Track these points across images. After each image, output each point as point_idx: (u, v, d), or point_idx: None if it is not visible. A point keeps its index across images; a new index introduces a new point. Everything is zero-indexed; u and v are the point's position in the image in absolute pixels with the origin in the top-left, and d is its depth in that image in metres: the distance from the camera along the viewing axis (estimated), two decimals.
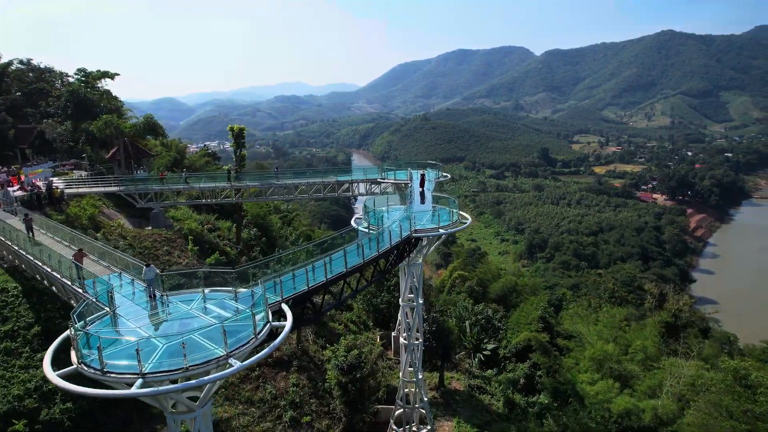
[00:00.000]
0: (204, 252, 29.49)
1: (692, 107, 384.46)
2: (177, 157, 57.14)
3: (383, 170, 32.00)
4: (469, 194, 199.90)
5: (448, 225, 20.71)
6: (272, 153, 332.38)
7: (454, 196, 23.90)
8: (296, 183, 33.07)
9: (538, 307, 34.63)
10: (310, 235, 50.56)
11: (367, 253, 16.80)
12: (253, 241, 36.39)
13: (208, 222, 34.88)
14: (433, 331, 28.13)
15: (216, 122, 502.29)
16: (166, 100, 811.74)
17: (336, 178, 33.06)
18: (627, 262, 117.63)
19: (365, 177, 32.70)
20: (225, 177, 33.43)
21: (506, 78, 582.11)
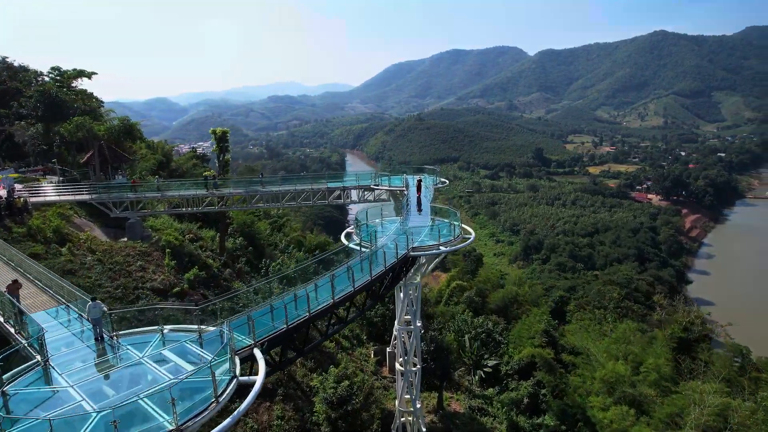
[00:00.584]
0: (183, 266, 27.26)
1: (685, 107, 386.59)
2: (163, 160, 54.63)
3: (377, 176, 30.14)
4: (463, 195, 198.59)
5: (450, 241, 18.77)
6: (265, 153, 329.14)
7: (454, 208, 21.80)
8: (283, 190, 30.95)
9: (541, 320, 32.80)
10: (302, 241, 48.39)
11: (358, 277, 14.73)
12: (239, 251, 34.22)
13: (189, 231, 32.56)
14: (431, 350, 26.18)
15: (209, 122, 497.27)
16: (158, 100, 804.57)
17: (326, 184, 31.12)
18: (623, 264, 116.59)
19: (358, 183, 30.80)
20: (215, 181, 31.22)
21: (500, 78, 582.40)
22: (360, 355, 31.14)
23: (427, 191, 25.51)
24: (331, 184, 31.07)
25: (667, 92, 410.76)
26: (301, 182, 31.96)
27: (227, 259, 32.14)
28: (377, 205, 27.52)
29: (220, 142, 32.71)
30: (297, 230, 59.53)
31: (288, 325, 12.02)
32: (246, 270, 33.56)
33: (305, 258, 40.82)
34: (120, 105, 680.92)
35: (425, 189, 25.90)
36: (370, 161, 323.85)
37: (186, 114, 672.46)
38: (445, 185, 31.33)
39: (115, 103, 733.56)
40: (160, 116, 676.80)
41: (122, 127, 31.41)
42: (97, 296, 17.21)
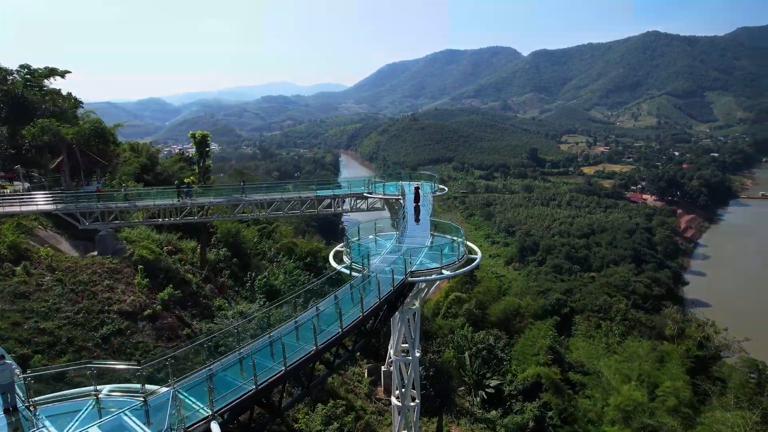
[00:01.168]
0: (158, 283, 24.89)
1: (678, 107, 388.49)
2: (147, 164, 51.83)
3: (371, 183, 27.95)
4: (458, 195, 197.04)
5: (453, 263, 16.62)
6: (259, 154, 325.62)
7: (456, 220, 19.49)
8: (269, 199, 28.76)
9: (546, 335, 30.81)
10: (293, 249, 45.96)
11: (347, 311, 12.48)
12: (222, 263, 31.97)
13: (168, 243, 30.19)
14: (430, 376, 24.10)
15: (202, 123, 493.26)
16: (151, 101, 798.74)
17: (315, 192, 28.85)
18: (620, 266, 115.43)
19: (350, 191, 28.66)
20: (188, 190, 28.72)
21: (494, 78, 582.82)
22: (353, 375, 28.94)
23: (426, 200, 23.50)
24: (320, 193, 28.84)
25: (660, 92, 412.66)
26: (287, 190, 29.75)
27: (209, 273, 29.79)
28: (371, 216, 25.22)
29: (200, 146, 30.45)
30: (288, 235, 57.15)
31: (257, 386, 9.66)
32: (229, 284, 31.23)
33: (295, 267, 38.23)
34: (112, 105, 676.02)
35: (423, 197, 23.93)
36: (364, 161, 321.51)
37: (179, 114, 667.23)
38: (443, 192, 29.14)
39: (107, 103, 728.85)
40: (152, 116, 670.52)
41: (92, 130, 28.89)
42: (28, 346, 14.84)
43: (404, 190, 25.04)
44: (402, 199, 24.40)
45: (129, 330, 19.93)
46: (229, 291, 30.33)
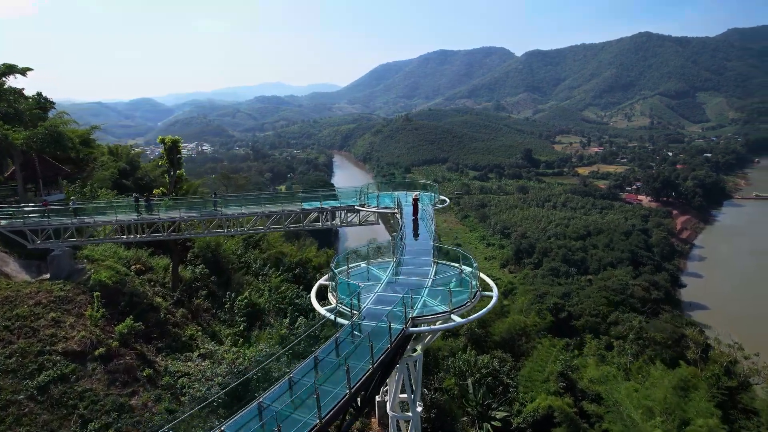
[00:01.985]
0: (118, 312, 21.28)
1: (670, 108, 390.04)
2: (126, 168, 48.28)
3: (363, 194, 25.18)
4: (452, 197, 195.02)
5: (465, 304, 13.46)
6: (251, 155, 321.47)
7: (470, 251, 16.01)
8: (248, 213, 25.60)
9: (556, 359, 28.12)
10: (280, 259, 42.83)
11: (329, 389, 9.30)
12: (199, 282, 28.98)
13: (137, 261, 26.79)
14: (432, 419, 21.30)
15: (195, 123, 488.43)
16: (143, 101, 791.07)
17: (301, 205, 25.80)
18: (617, 268, 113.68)
19: (339, 203, 25.83)
20: (149, 203, 25.46)
21: (487, 78, 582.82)
22: None
23: (425, 214, 20.85)
24: (306, 205, 25.78)
25: (653, 93, 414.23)
26: (269, 202, 26.52)
27: (182, 296, 26.65)
28: (362, 232, 22.15)
29: (171, 153, 26.77)
30: (277, 243, 53.94)
31: None
32: (206, 306, 27.77)
33: (284, 279, 34.94)
34: (103, 106, 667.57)
35: (422, 209, 21.31)
36: (357, 162, 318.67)
37: (171, 114, 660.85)
38: (445, 205, 26.26)
39: (98, 103, 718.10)
40: (144, 117, 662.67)
41: (47, 135, 25.52)
42: None
43: (401, 203, 22.13)
44: (398, 214, 21.49)
45: (75, 375, 16.68)
46: (205, 314, 27.25)
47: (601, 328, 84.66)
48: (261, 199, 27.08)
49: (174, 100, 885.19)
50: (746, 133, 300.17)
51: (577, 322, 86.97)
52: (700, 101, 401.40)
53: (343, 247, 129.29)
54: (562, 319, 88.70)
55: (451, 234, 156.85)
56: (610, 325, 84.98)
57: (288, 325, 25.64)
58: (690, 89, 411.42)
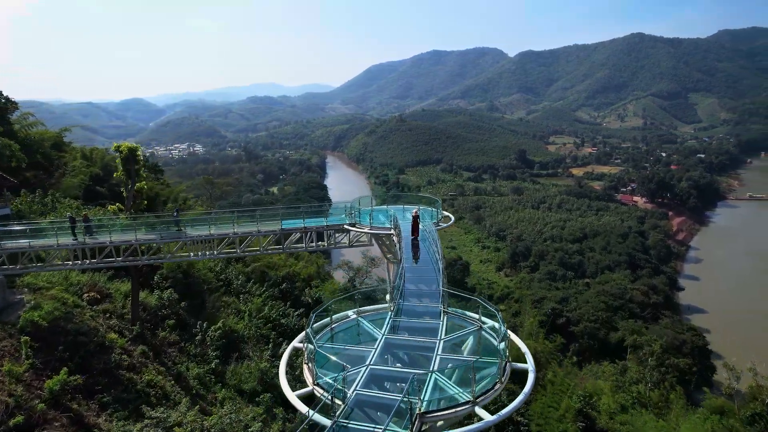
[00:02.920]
0: (58, 358, 17.10)
1: (663, 108, 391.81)
2: (99, 174, 44.74)
3: (354, 210, 21.78)
4: (447, 198, 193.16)
5: (494, 387, 9.85)
6: (243, 156, 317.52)
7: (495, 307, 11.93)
8: (216, 234, 22.09)
9: (573, 393, 25.33)
10: (266, 272, 39.81)
11: None
12: (166, 310, 25.38)
13: (91, 288, 22.79)
14: None
15: (186, 124, 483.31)
16: (134, 101, 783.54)
17: (280, 224, 22.35)
18: (615, 272, 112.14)
19: (325, 222, 22.67)
20: (87, 224, 21.70)
21: (481, 79, 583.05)
22: None
23: (429, 236, 17.58)
24: (287, 225, 22.36)
25: (646, 94, 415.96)
26: (243, 222, 22.97)
27: (143, 329, 22.96)
28: (353, 253, 19.29)
29: (127, 163, 23.12)
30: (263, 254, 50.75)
31: None
32: (173, 339, 23.73)
33: (268, 296, 31.77)
34: (93, 106, 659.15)
35: (423, 228, 18.29)
36: (351, 163, 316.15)
37: (163, 115, 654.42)
38: (450, 223, 22.73)
39: (88, 103, 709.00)
40: (135, 117, 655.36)
41: None
42: None
43: (398, 222, 18.69)
44: (395, 236, 18.03)
45: None
46: (171, 350, 23.37)
47: (600, 334, 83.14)
48: (233, 218, 23.41)
49: (165, 101, 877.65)
50: (738, 134, 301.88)
51: (576, 328, 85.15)
52: (692, 102, 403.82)
53: (337, 255, 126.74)
54: (561, 324, 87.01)
55: (446, 236, 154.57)
56: (609, 331, 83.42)
57: (269, 357, 22.71)
58: (682, 90, 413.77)
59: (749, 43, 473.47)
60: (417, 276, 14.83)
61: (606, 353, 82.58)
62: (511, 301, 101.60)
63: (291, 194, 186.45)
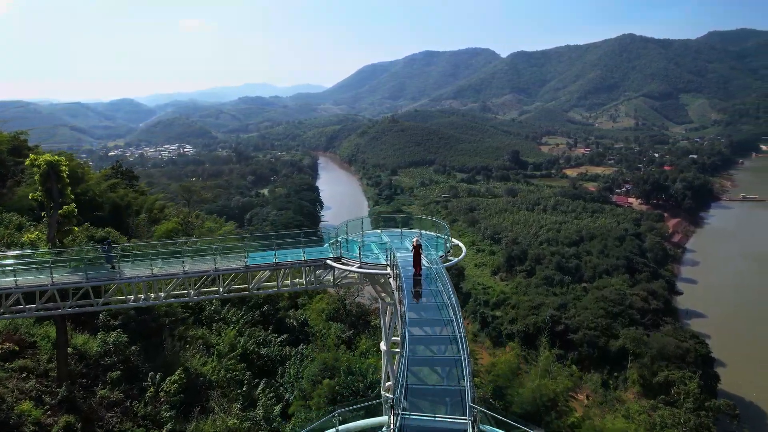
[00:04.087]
0: None
1: (654, 109, 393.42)
2: None
3: (339, 239, 17.95)
4: (440, 200, 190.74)
5: None
6: (234, 157, 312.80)
7: None
8: (161, 275, 17.65)
9: None
10: None
11: None
12: (112, 358, 20.00)
13: (6, 338, 18.10)
14: None
15: (177, 124, 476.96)
16: (124, 101, 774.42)
17: (245, 259, 18.07)
18: (613, 276, 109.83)
19: (303, 255, 18.24)
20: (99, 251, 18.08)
21: (473, 80, 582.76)
22: None
23: (436, 266, 14.06)
24: (254, 260, 18.21)
25: (637, 94, 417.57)
26: (196, 256, 18.41)
27: (75, 390, 17.71)
28: None
29: (47, 181, 18.55)
30: None
31: None
32: (115, 398, 18.65)
33: (240, 329, 26.34)
34: (82, 106, 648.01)
35: (426, 261, 14.72)
36: (343, 164, 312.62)
37: (153, 116, 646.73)
38: (462, 257, 18.83)
39: (77, 104, 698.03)
40: (125, 118, 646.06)
41: None
42: None
43: (395, 255, 14.70)
44: (391, 273, 14.44)
45: None
46: (112, 414, 18.19)
47: (600, 342, 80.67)
48: (186, 252, 18.65)
49: (156, 101, 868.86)
50: (729, 134, 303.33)
51: (575, 336, 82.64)
52: (683, 102, 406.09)
53: None
54: (560, 332, 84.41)
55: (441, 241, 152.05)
56: (609, 339, 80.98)
57: (241, 407, 18.73)
58: (673, 90, 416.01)
59: (738, 44, 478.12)
60: (417, 301, 11.55)
61: (606, 362, 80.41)
62: (507, 307, 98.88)
63: (282, 196, 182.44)
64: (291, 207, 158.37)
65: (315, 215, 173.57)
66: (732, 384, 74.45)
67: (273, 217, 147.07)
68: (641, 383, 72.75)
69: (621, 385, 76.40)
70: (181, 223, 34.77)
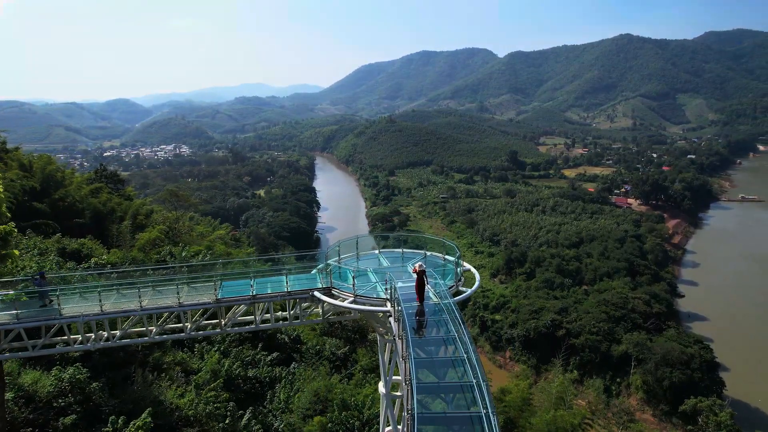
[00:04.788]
0: None
1: (651, 109, 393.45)
2: (35, 188, 36.70)
3: (330, 262, 15.76)
4: (438, 201, 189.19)
5: None
6: (230, 157, 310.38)
7: None
8: (112, 313, 14.68)
9: None
10: None
11: None
12: (68, 398, 16.72)
13: None
14: None
15: (173, 125, 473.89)
16: (120, 102, 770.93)
17: (216, 292, 14.98)
18: (614, 279, 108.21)
19: (284, 285, 15.25)
20: None
21: (470, 80, 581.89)
22: None
23: (448, 312, 11.33)
24: (228, 291, 15.34)
25: (634, 94, 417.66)
26: (160, 291, 15.45)
27: None
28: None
29: None
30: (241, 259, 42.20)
31: None
32: None
33: (224, 351, 23.00)
34: (77, 106, 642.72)
35: (431, 292, 12.60)
36: (340, 164, 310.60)
37: (150, 116, 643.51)
38: (475, 289, 15.13)
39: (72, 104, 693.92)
40: (121, 118, 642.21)
41: None
42: None
43: (396, 289, 12.05)
44: (391, 310, 12.12)
45: None
46: None
47: (603, 347, 79.08)
48: (143, 283, 15.45)
49: (152, 101, 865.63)
50: (727, 135, 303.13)
51: (577, 341, 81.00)
52: (680, 102, 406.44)
53: None
54: (561, 336, 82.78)
55: (438, 243, 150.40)
56: (611, 343, 79.40)
57: None
58: (670, 91, 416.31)
59: (735, 45, 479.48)
60: (419, 336, 9.64)
61: (609, 367, 78.84)
62: (507, 311, 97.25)
63: (278, 197, 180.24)
64: (287, 208, 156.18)
65: (311, 216, 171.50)
66: (736, 389, 73.00)
67: (269, 219, 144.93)
68: (645, 389, 71.31)
69: (624, 391, 75.01)
70: (165, 230, 32.47)
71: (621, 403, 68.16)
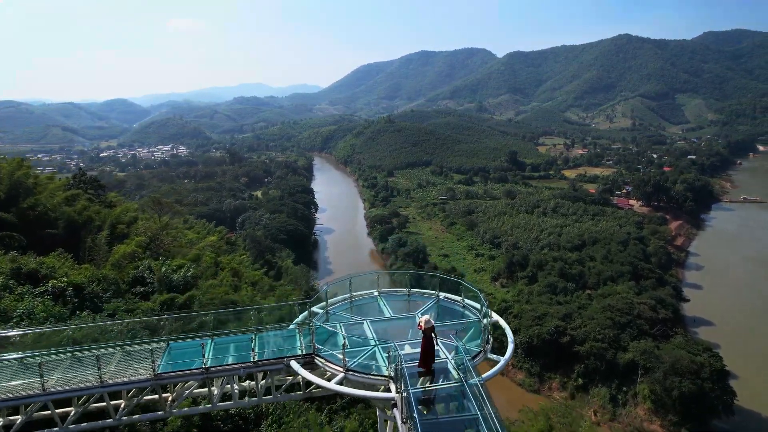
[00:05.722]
0: None
1: (651, 109, 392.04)
2: (1, 196, 32.90)
3: (312, 326, 11.59)
4: (438, 202, 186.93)
5: None
6: (227, 158, 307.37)
7: None
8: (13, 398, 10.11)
9: None
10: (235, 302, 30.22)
11: None
12: None
13: None
14: None
15: (171, 125, 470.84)
16: (118, 101, 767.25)
17: (156, 365, 11.03)
18: (618, 283, 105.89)
19: (253, 354, 11.48)
20: None
21: (469, 80, 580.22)
22: None
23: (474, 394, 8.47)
24: (175, 358, 11.55)
25: (633, 94, 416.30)
26: (80, 360, 11.28)
27: None
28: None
29: None
30: (234, 269, 38.57)
31: None
32: None
33: None
34: (75, 106, 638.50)
35: (455, 371, 9.59)
36: (339, 165, 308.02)
37: (148, 116, 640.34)
38: (508, 358, 11.87)
39: (70, 104, 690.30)
40: (119, 118, 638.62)
41: None
42: None
43: (402, 363, 9.18)
44: (399, 412, 8.86)
45: None
46: None
47: (608, 355, 76.80)
48: (50, 353, 11.40)
49: (150, 101, 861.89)
50: (726, 135, 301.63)
51: (581, 348, 78.64)
52: (679, 103, 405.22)
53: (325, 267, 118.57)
54: (565, 344, 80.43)
55: (437, 243, 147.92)
56: (617, 351, 77.11)
57: None
58: (669, 91, 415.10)
59: (734, 45, 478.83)
60: None
61: (615, 375, 76.52)
62: (510, 317, 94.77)
63: (275, 198, 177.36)
64: (285, 210, 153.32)
65: (309, 218, 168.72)
66: (745, 397, 70.79)
67: (265, 221, 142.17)
68: (653, 399, 69.02)
69: (631, 401, 72.74)
70: (146, 242, 29.64)
71: (628, 413, 65.94)
